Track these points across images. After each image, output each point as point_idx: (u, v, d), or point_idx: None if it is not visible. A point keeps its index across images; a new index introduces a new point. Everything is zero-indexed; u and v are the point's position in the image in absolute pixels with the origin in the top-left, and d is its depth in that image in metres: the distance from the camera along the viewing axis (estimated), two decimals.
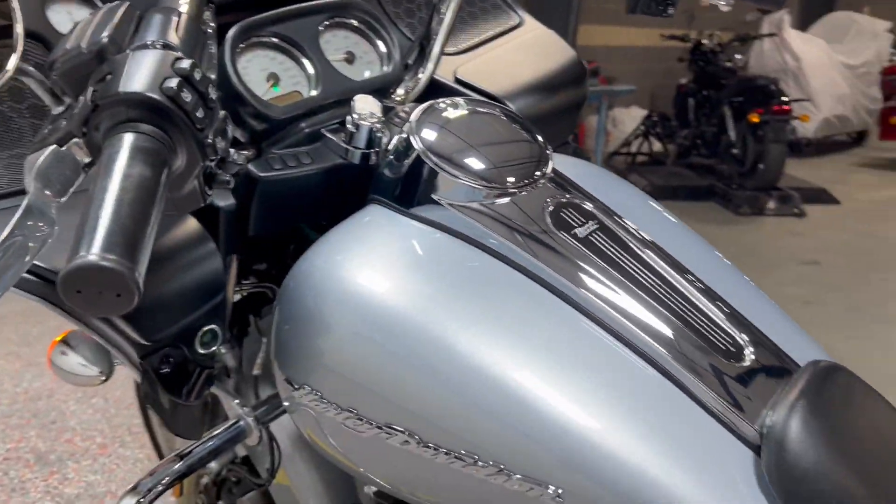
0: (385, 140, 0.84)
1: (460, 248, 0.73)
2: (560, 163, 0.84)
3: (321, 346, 0.72)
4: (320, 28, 0.91)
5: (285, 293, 0.77)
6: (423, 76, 0.97)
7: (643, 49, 7.35)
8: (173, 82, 0.51)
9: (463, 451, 0.65)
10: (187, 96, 0.52)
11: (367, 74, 0.94)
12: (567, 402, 0.63)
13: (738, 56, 6.86)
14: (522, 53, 1.11)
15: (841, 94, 7.67)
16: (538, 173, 0.77)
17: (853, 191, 6.28)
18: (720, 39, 6.70)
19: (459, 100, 0.82)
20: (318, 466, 1.17)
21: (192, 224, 0.75)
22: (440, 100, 0.82)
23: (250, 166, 0.79)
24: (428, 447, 0.67)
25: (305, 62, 0.89)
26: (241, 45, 0.85)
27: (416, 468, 0.69)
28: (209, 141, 0.54)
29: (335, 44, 0.93)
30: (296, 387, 0.74)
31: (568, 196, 0.78)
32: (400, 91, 0.97)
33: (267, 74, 0.87)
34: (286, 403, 0.80)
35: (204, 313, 0.75)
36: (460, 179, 0.74)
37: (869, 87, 7.87)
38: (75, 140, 0.52)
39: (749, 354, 0.70)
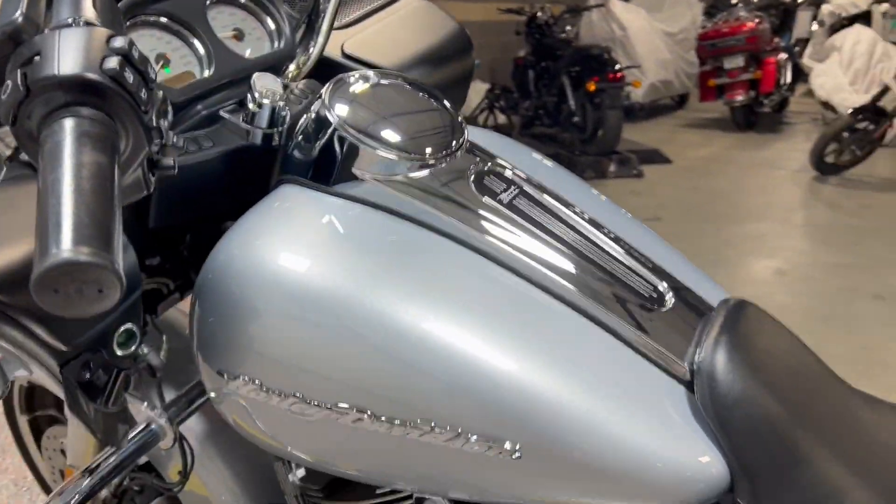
0: (287, 118, 0.81)
1: (386, 221, 0.73)
2: (470, 132, 0.85)
3: (253, 334, 0.70)
4: (207, 3, 0.86)
5: (204, 286, 0.73)
6: (314, 51, 0.95)
7: (480, 24, 7.49)
8: (113, 62, 0.47)
9: (419, 420, 0.65)
10: (129, 76, 0.48)
11: (257, 52, 0.91)
12: (513, 359, 0.65)
13: (568, 28, 7.15)
14: (407, 26, 1.11)
15: (664, 60, 8.20)
16: (456, 143, 0.78)
17: (681, 150, 6.76)
18: (553, 12, 6.95)
19: (368, 72, 0.81)
20: (234, 464, 1.13)
21: None
22: (348, 73, 0.81)
23: None
24: (382, 421, 0.67)
25: (195, 41, 0.84)
26: (126, 25, 0.79)
27: (371, 445, 0.69)
28: (154, 124, 0.51)
29: (222, 21, 0.89)
30: (229, 378, 0.71)
31: (487, 164, 0.80)
32: (291, 68, 0.94)
33: (156, 55, 0.82)
34: (213, 395, 0.76)
35: (120, 312, 0.70)
36: (383, 152, 0.74)
37: (687, 53, 8.46)
38: None
39: (670, 299, 0.75)
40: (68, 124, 0.45)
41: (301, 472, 0.95)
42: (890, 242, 4.26)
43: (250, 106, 0.80)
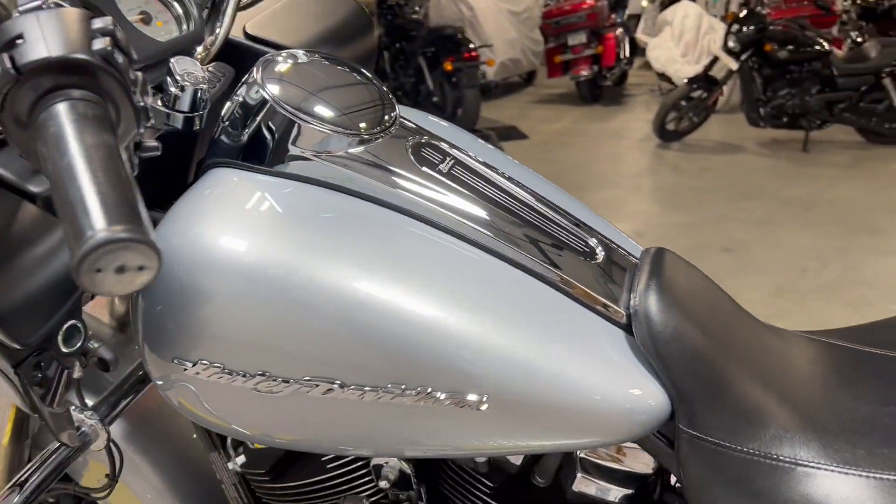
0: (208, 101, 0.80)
1: (331, 197, 0.74)
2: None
3: (210, 318, 0.70)
4: None
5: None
6: (221, 33, 0.93)
7: None
8: (103, 42, 0.46)
9: (389, 385, 0.68)
10: (119, 57, 0.47)
11: (167, 35, 0.89)
12: (469, 316, 0.69)
13: (418, 8, 7.22)
14: (307, 5, 1.11)
15: (511, 39, 8.45)
16: (390, 117, 0.80)
17: (535, 125, 7.03)
18: None
19: (297, 52, 0.81)
20: (161, 464, 1.11)
21: (35, 211, 0.66)
22: (275, 53, 0.81)
23: None
24: (353, 389, 0.69)
25: None
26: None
27: (341, 414, 0.71)
28: (142, 104, 0.50)
29: (128, 3, 0.86)
30: (187, 365, 0.71)
31: (422, 137, 0.82)
32: (199, 50, 0.92)
33: None
34: (161, 384, 0.75)
35: (64, 309, 0.68)
36: (324, 129, 0.75)
37: (532, 31, 8.76)
38: None
39: (600, 252, 0.81)
40: (64, 107, 0.44)
41: (241, 459, 0.95)
42: (729, 200, 4.66)
43: (172, 90, 0.78)
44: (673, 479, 0.88)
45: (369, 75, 0.84)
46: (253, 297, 0.69)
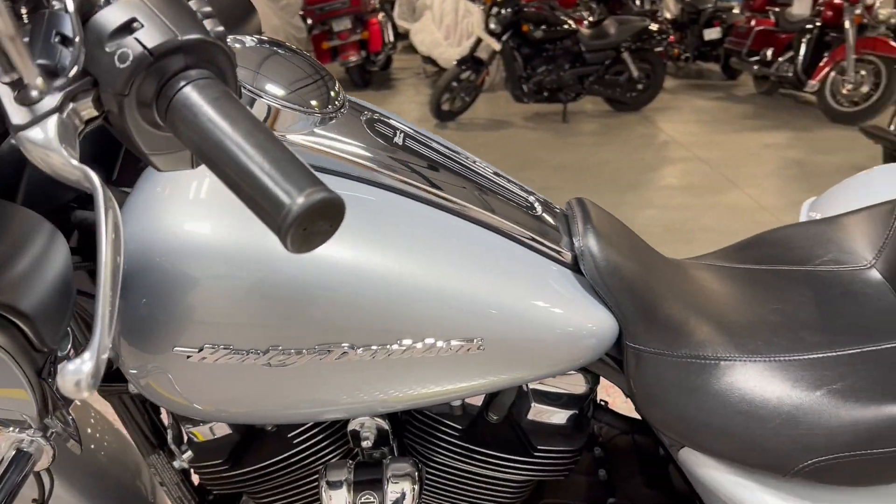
0: None
1: None
2: None
3: (207, 302, 0.71)
4: None
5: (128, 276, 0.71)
6: None
7: None
8: (212, 22, 0.47)
9: (403, 342, 0.74)
10: (223, 38, 0.48)
11: None
12: (451, 271, 0.77)
13: None
14: None
15: (274, 26, 8.31)
16: (340, 96, 0.84)
17: None
18: None
19: (244, 38, 0.82)
20: (87, 481, 1.05)
21: (23, 210, 0.63)
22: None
23: None
24: (363, 350, 0.73)
25: None
26: None
27: (356, 376, 0.75)
28: (239, 83, 0.51)
29: None
30: (192, 352, 0.71)
31: (371, 114, 0.87)
32: None
33: None
34: (140, 378, 0.75)
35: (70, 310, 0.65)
36: (291, 110, 0.77)
37: (293, 18, 8.68)
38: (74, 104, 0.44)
39: (537, 206, 0.92)
40: (199, 88, 0.45)
41: (189, 455, 0.95)
42: (509, 171, 5.01)
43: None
44: (600, 398, 1.02)
45: (308, 57, 0.87)
46: (246, 274, 0.71)
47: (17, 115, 0.46)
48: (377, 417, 0.88)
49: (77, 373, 0.45)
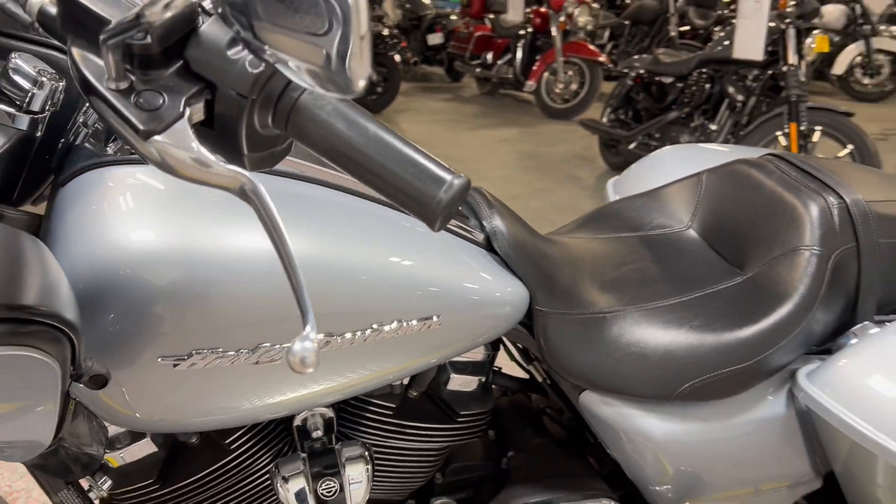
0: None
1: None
2: None
3: (187, 309, 0.71)
4: None
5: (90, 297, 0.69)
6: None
7: None
8: None
9: (374, 325, 0.79)
10: None
11: None
12: (398, 257, 0.84)
13: None
14: None
15: None
16: None
17: None
18: None
19: None
20: None
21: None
22: None
23: None
24: (348, 336, 0.78)
25: None
26: None
27: (338, 363, 0.79)
28: None
29: None
30: (181, 361, 0.71)
31: None
32: None
33: None
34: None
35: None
36: None
37: None
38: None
39: None
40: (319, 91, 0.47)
41: (108, 483, 0.91)
42: None
43: (27, 87, 0.72)
44: (496, 363, 1.14)
45: None
46: (220, 276, 0.72)
47: (142, 121, 0.46)
48: (323, 408, 0.92)
49: (304, 350, 0.47)
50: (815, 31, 3.75)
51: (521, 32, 7.47)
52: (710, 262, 1.17)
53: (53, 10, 0.59)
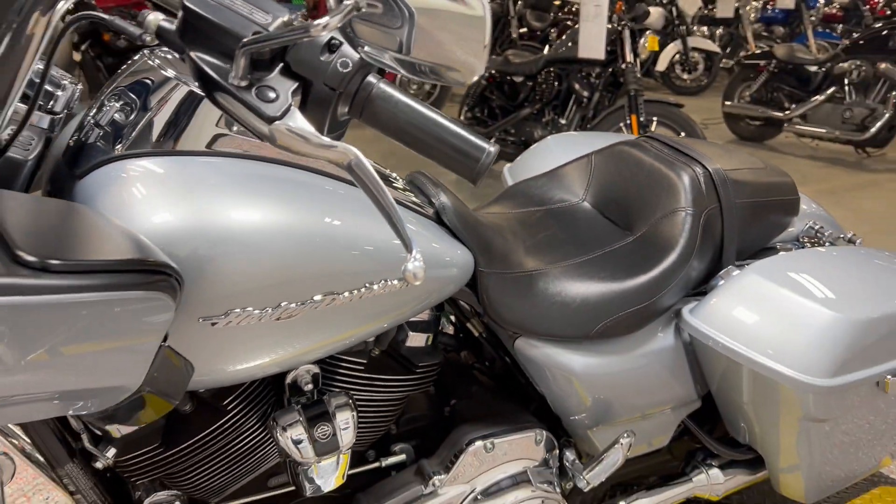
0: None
1: (242, 163, 0.91)
2: None
3: (222, 275, 0.83)
4: None
5: None
6: None
7: None
8: None
9: (366, 284, 0.94)
10: None
11: None
12: (371, 223, 0.98)
13: None
14: None
15: None
16: None
17: None
18: None
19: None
20: None
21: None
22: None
23: None
24: (346, 295, 0.92)
25: None
26: None
27: (341, 318, 0.93)
28: None
29: None
30: (218, 319, 0.83)
31: None
32: None
33: None
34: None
35: None
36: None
37: None
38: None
39: (394, 176, 1.16)
40: (385, 83, 0.62)
41: (112, 451, 1.00)
42: None
43: (50, 89, 0.82)
44: (442, 324, 1.31)
45: None
46: (250, 245, 0.85)
47: (266, 109, 0.59)
48: (310, 364, 1.05)
49: (416, 268, 0.64)
50: (647, 32, 4.19)
51: None
52: (605, 227, 1.40)
53: (169, 24, 0.70)
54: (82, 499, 1.04)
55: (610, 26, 4.09)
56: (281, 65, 0.65)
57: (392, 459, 1.25)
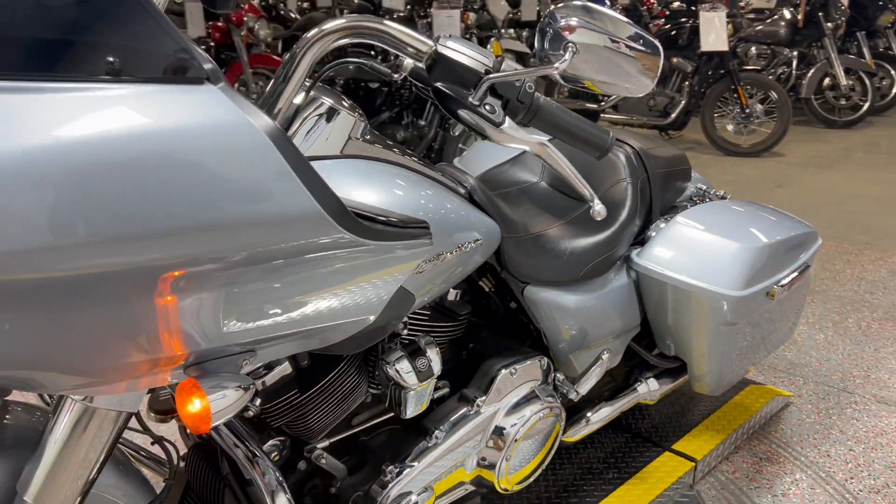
0: None
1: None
2: None
3: None
4: None
5: None
6: None
7: None
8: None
9: (460, 245, 1.27)
10: None
11: None
12: (452, 208, 1.33)
13: None
14: None
15: None
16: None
17: None
18: None
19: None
20: None
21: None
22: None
23: None
24: (448, 255, 1.25)
25: None
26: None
27: (434, 275, 1.25)
28: None
29: None
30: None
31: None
32: None
33: None
34: None
35: None
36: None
37: None
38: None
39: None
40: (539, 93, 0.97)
41: (258, 402, 1.27)
42: None
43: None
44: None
45: None
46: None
47: (493, 118, 0.91)
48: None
49: (601, 208, 1.03)
50: (492, 39, 4.70)
51: (203, 47, 7.61)
52: (564, 199, 1.81)
53: (419, 67, 1.00)
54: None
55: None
56: (486, 86, 0.98)
57: (438, 393, 1.58)
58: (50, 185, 0.64)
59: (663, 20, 9.02)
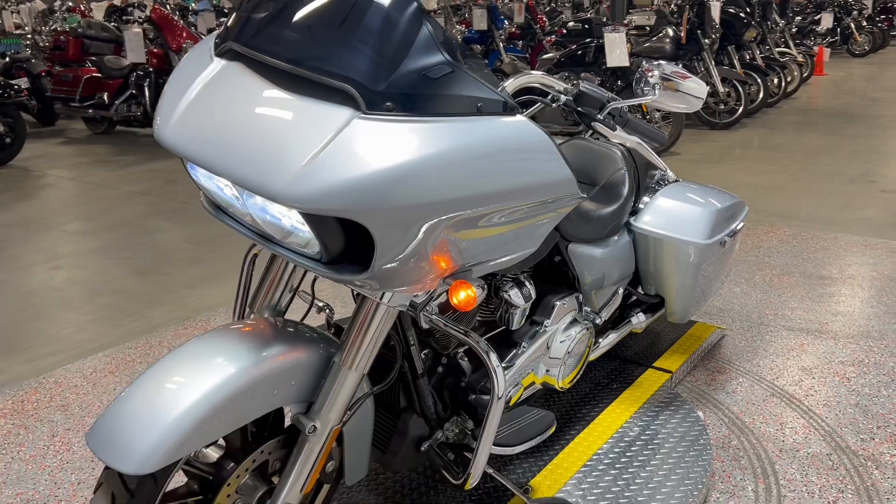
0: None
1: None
2: None
3: None
4: None
5: None
6: None
7: None
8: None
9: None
10: None
11: None
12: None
13: None
14: None
15: None
16: None
17: None
18: None
19: None
20: None
21: None
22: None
23: None
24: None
25: None
26: None
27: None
28: None
29: None
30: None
31: None
32: None
33: None
34: None
35: None
36: None
37: None
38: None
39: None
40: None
41: (435, 309, 1.93)
42: None
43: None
44: None
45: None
46: None
47: (612, 125, 1.60)
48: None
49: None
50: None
51: (140, 73, 7.92)
52: (582, 183, 2.54)
53: (570, 99, 1.67)
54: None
55: None
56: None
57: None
58: (454, 168, 1.28)
59: (555, 37, 10.01)
